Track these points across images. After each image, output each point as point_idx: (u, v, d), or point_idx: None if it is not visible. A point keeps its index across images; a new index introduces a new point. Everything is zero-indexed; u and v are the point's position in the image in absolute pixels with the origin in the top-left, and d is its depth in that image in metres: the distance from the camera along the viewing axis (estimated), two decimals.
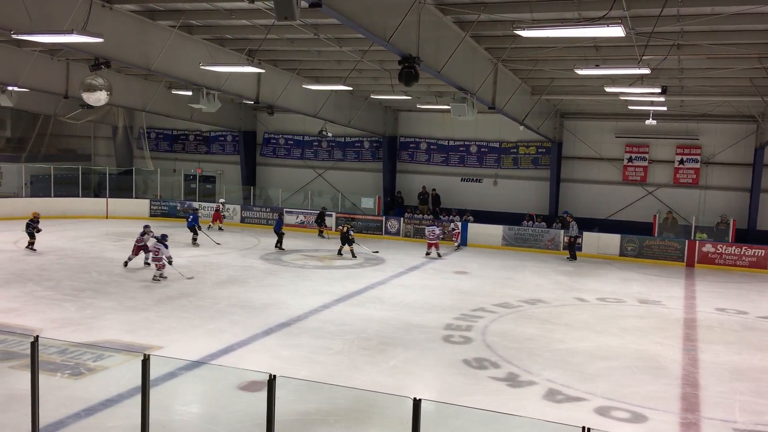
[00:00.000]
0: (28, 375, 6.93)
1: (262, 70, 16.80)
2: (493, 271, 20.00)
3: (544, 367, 11.21)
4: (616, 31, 8.78)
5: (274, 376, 5.21)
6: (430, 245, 22.08)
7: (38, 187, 29.66)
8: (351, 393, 9.16)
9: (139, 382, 6.20)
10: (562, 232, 23.71)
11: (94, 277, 16.78)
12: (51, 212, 27.17)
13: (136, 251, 18.09)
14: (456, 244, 23.77)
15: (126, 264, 18.06)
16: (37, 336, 5.86)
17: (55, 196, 28.49)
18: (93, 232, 24.27)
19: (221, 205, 26.72)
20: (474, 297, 16.32)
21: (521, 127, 21.59)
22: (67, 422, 8.22)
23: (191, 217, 22.86)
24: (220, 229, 25.56)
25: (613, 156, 25.78)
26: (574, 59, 15.65)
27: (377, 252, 21.30)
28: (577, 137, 26.04)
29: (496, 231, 24.50)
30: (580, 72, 13.14)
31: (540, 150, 26.57)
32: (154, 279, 16.58)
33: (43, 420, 7.18)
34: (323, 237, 25.24)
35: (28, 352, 6.72)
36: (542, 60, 16.30)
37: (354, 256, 21.09)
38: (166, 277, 16.71)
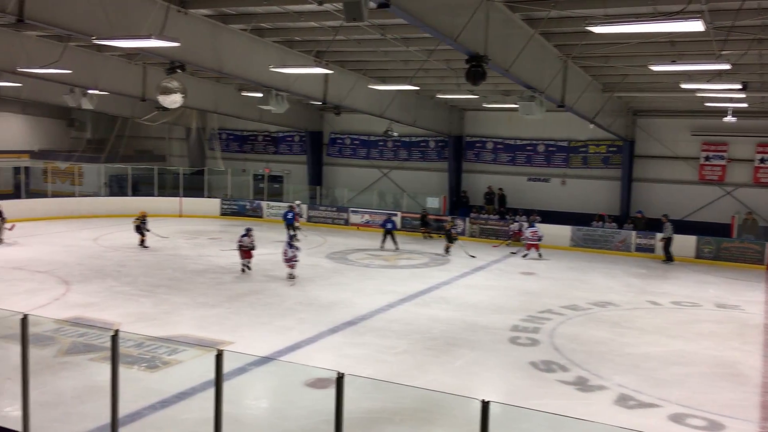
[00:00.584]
0: (107, 367, 7.20)
1: (330, 71, 17.00)
2: (560, 272, 19.62)
3: (615, 372, 10.93)
4: (695, 26, 8.46)
5: (343, 374, 5.25)
6: (529, 246, 21.64)
7: (116, 187, 30.92)
8: (417, 393, 9.16)
9: (211, 376, 6.36)
10: (633, 233, 23.06)
11: (169, 274, 17.34)
12: (128, 211, 28.19)
13: (244, 254, 17.67)
14: (524, 253, 22.21)
15: (244, 270, 17.57)
16: (117, 330, 6.10)
17: (132, 195, 29.63)
18: (167, 230, 25.07)
19: (296, 206, 27.11)
20: (541, 298, 16.06)
21: (591, 126, 21.11)
22: (143, 413, 8.53)
23: (290, 214, 23.74)
24: (297, 228, 26.00)
25: (688, 155, 24.87)
26: (648, 55, 15.19)
27: (474, 257, 21.09)
28: (651, 135, 25.24)
29: (563, 231, 24.01)
30: (654, 68, 12.78)
31: (611, 149, 25.89)
32: (289, 277, 16.94)
33: (121, 411, 7.45)
34: (429, 238, 24.93)
35: (108, 345, 6.99)
36: (614, 56, 15.88)
37: (447, 252, 21.48)
38: (296, 277, 17.01)
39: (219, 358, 5.57)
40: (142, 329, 12.11)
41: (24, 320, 6.26)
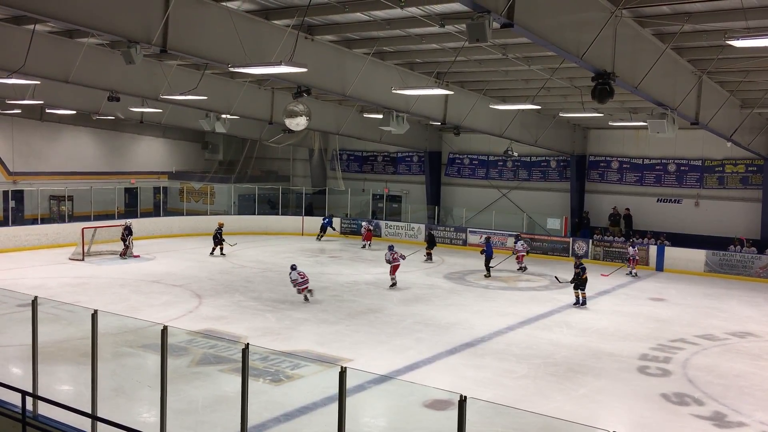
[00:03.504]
0: (235, 378, 7.52)
1: (450, 92, 17.05)
2: (694, 299, 18.45)
3: (757, 408, 10.13)
4: None
5: (465, 397, 5.18)
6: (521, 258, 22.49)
7: (244, 206, 32.50)
8: (539, 420, 8.85)
9: (332, 391, 6.49)
10: None
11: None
12: (254, 228, 29.63)
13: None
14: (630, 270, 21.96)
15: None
16: (248, 344, 6.35)
17: (259, 213, 31.01)
18: (290, 247, 26.02)
19: (369, 224, 28.07)
20: (672, 326, 15.16)
21: (728, 144, 19.83)
22: (268, 425, 8.82)
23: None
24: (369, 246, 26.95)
25: None
26: None
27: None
28: None
29: (697, 256, 22.59)
30: None
31: (750, 168, 24.14)
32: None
33: (248, 422, 7.75)
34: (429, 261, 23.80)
35: (236, 357, 7.31)
36: (755, 70, 14.86)
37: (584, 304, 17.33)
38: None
39: (342, 374, 5.66)
40: (266, 343, 12.56)
41: (164, 331, 6.66)
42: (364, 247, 26.75)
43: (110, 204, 28.54)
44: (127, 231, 22.98)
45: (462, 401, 5.15)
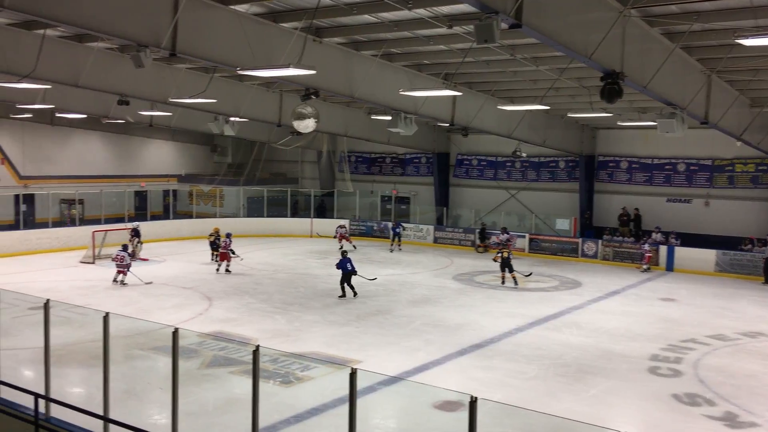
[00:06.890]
0: (245, 380, 7.55)
1: (458, 93, 17.03)
2: (704, 299, 18.36)
3: None
4: None
5: (476, 398, 5.18)
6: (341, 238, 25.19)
7: (253, 208, 32.57)
8: (549, 420, 8.82)
9: (341, 393, 6.50)
10: None
11: (301, 292, 17.97)
12: (264, 231, 29.71)
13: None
14: (645, 267, 22.91)
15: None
16: (258, 346, 6.38)
17: (268, 216, 31.07)
18: (299, 249, 26.07)
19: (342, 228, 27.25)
20: (683, 327, 15.09)
21: (738, 143, 19.71)
22: (278, 427, 8.84)
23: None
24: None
25: None
26: None
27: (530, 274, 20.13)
28: None
29: (707, 256, 22.48)
30: None
31: (761, 167, 24.00)
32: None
33: (259, 424, 7.77)
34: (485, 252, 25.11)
35: (247, 359, 7.33)
36: (764, 69, 14.78)
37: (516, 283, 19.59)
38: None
39: (353, 376, 5.66)
40: (276, 345, 12.58)
41: (175, 333, 6.69)
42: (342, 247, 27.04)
43: (120, 207, 28.69)
44: (134, 233, 23.06)
45: (473, 402, 5.15)
